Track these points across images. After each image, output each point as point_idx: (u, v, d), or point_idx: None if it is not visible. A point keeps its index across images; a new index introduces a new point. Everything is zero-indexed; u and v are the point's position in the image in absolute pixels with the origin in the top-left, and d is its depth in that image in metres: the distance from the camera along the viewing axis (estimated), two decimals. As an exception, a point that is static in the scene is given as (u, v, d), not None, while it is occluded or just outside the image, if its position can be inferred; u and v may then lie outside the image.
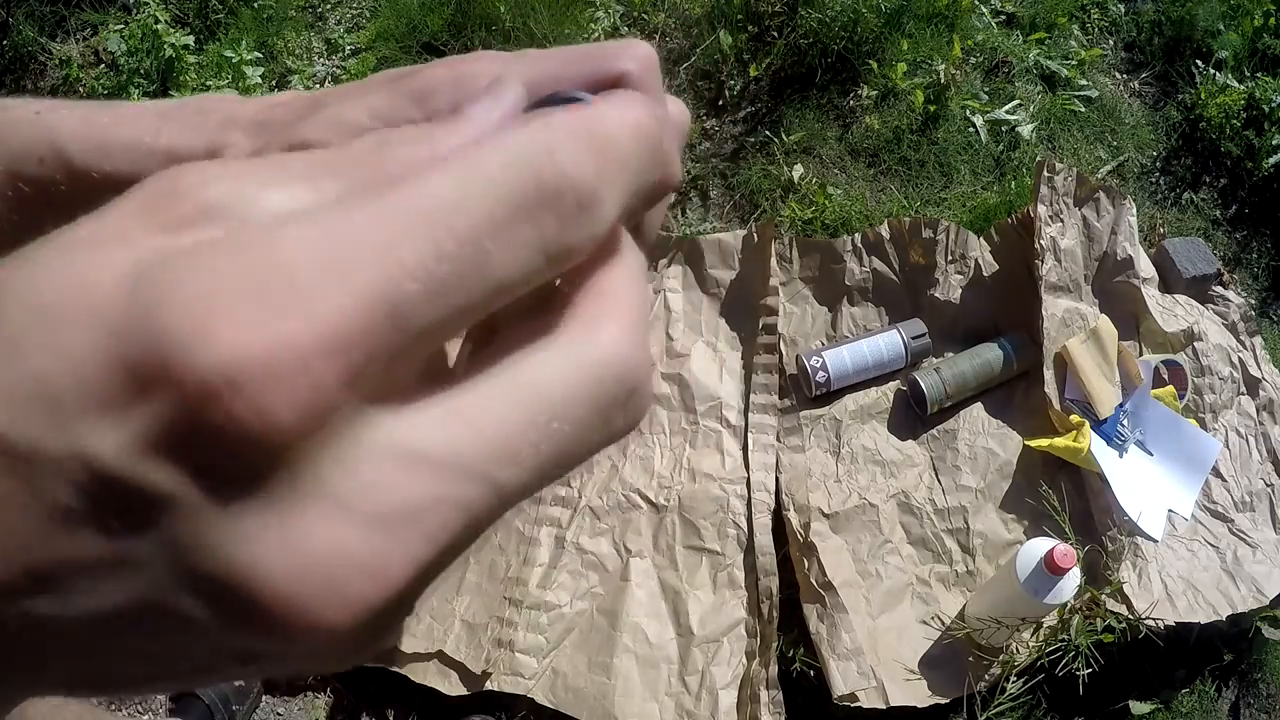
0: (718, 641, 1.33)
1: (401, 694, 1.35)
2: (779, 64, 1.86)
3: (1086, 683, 1.27)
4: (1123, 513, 1.40)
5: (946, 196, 1.76)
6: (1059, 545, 1.16)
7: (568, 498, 1.45)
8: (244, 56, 1.83)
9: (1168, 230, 1.82)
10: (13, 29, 1.79)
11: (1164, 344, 1.56)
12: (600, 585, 1.39)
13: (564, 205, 0.15)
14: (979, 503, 1.44)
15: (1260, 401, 1.58)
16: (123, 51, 1.74)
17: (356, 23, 2.02)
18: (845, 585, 1.35)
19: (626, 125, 0.16)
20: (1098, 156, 1.89)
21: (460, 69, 0.22)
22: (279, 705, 1.37)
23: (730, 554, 1.39)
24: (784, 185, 1.73)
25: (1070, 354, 1.47)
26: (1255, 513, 1.51)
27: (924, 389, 1.45)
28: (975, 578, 1.39)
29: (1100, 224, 1.57)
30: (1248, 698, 1.46)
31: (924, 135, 1.80)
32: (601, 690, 1.30)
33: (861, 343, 1.49)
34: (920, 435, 1.50)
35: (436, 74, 0.22)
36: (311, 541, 0.13)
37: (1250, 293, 1.81)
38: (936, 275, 1.56)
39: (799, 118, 1.81)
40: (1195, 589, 1.39)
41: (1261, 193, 1.88)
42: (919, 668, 1.32)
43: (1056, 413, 1.45)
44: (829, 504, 1.42)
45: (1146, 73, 2.04)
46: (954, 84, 1.82)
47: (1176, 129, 1.95)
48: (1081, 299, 1.55)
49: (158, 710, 1.35)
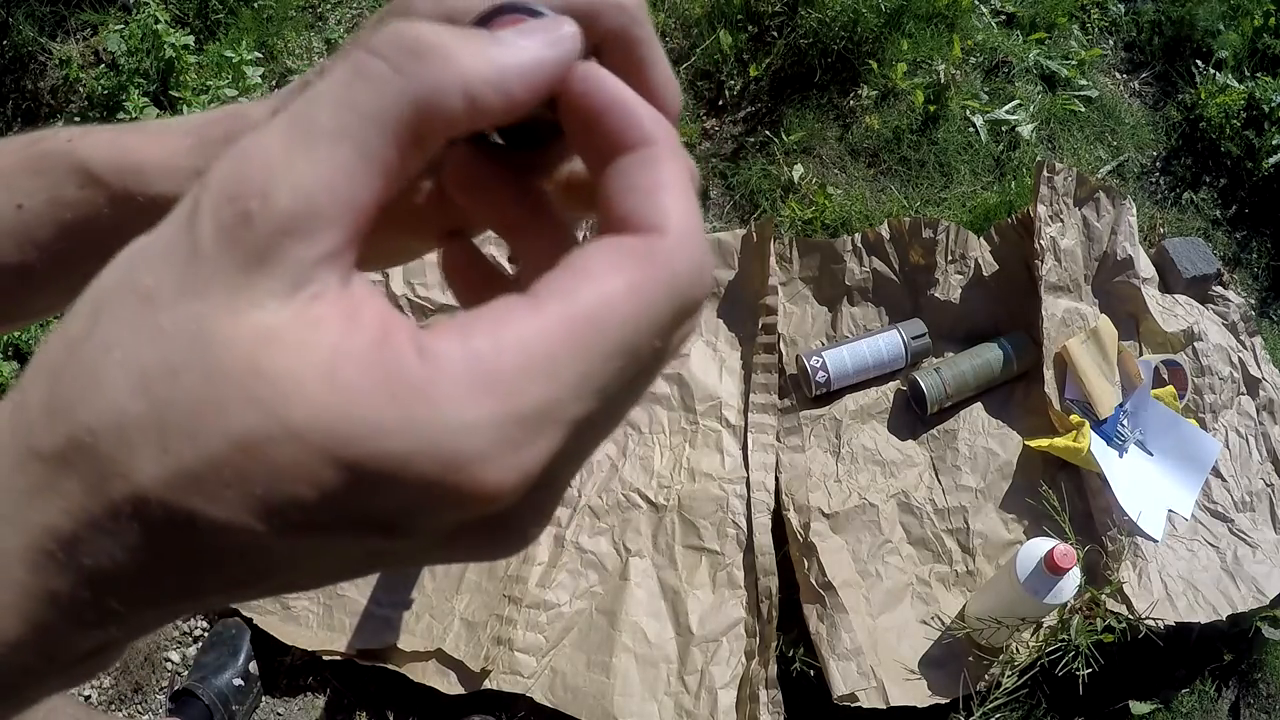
0: (717, 641, 1.33)
1: (401, 694, 1.35)
2: (779, 64, 1.86)
3: (1086, 683, 1.27)
4: (1123, 513, 1.40)
5: (946, 196, 1.76)
6: (1059, 545, 1.16)
7: (567, 497, 1.45)
8: (244, 56, 1.83)
9: (1168, 230, 1.82)
10: (13, 29, 1.79)
11: (1164, 344, 1.56)
12: (599, 584, 1.39)
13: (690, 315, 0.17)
14: (979, 503, 1.44)
15: (1260, 401, 1.58)
16: (123, 51, 1.74)
17: (356, 23, 2.02)
18: (845, 585, 1.35)
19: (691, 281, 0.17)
20: (1098, 156, 1.89)
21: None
22: (279, 705, 1.37)
23: (730, 554, 1.39)
24: (784, 185, 1.73)
25: (1070, 354, 1.47)
26: (1255, 513, 1.51)
27: (924, 389, 1.45)
28: (975, 578, 1.39)
29: (1100, 224, 1.57)
30: (1248, 698, 1.46)
31: (924, 135, 1.80)
32: (600, 689, 1.30)
33: (861, 343, 1.49)
34: (920, 435, 1.50)
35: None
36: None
37: (1250, 293, 1.81)
38: (936, 275, 1.56)
39: (799, 118, 1.81)
40: (1195, 589, 1.39)
41: (1261, 193, 1.88)
42: (919, 668, 1.32)
43: (1056, 413, 1.45)
44: (829, 504, 1.42)
45: (1146, 73, 2.04)
46: (954, 84, 1.82)
47: (1176, 129, 1.95)
48: (1081, 299, 1.55)
49: (158, 710, 1.35)
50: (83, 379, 0.15)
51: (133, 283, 0.15)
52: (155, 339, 0.15)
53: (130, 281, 0.16)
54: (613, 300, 0.16)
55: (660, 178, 0.17)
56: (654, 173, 0.17)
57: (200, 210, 0.15)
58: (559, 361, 0.15)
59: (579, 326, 0.15)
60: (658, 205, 0.17)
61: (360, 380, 0.14)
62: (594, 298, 0.16)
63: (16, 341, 1.66)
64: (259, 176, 0.15)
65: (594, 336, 0.15)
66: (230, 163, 0.16)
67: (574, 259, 0.16)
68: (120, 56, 1.74)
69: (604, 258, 0.16)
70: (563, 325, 0.15)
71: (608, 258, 0.16)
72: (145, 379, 0.15)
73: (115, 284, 0.16)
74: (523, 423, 0.15)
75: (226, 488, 0.14)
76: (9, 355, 1.69)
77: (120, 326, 0.15)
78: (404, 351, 0.15)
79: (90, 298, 0.16)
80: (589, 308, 0.15)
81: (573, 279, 0.16)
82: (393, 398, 0.14)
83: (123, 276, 0.16)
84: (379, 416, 0.14)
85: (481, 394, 0.14)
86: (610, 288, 0.16)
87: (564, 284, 0.16)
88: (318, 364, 0.15)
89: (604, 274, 0.16)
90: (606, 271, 0.16)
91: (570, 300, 0.15)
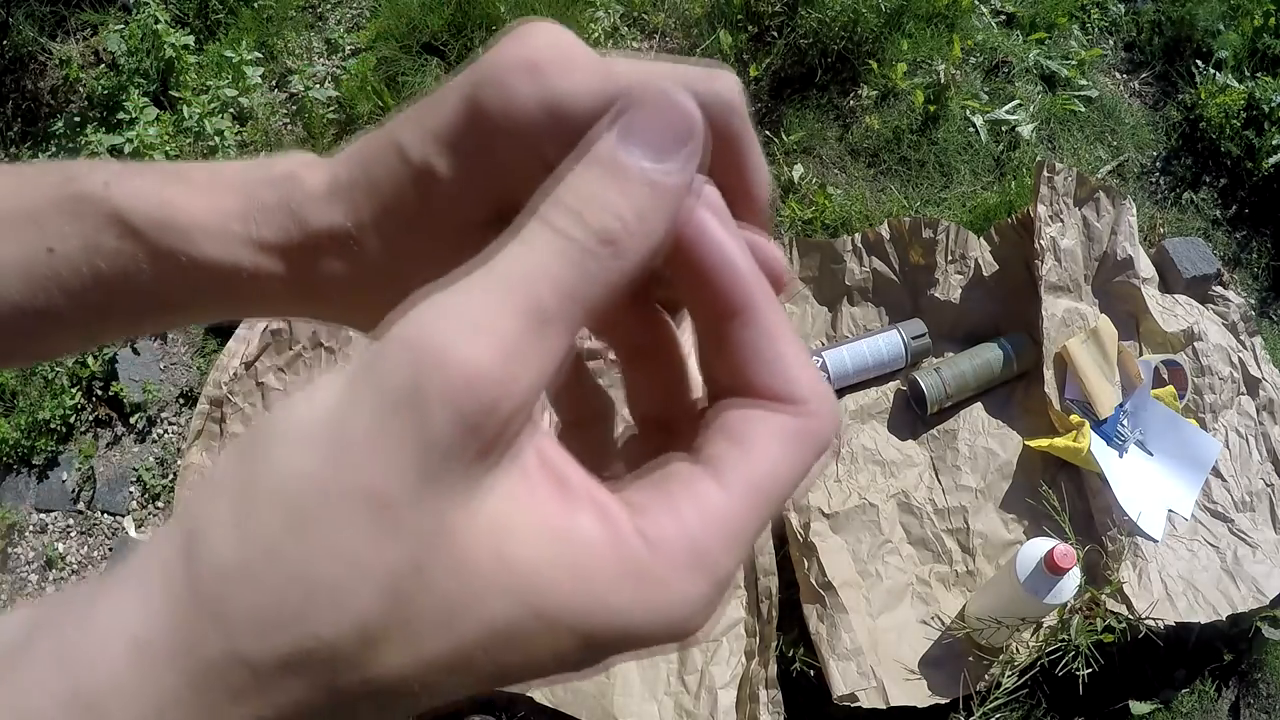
0: (717, 641, 1.33)
1: (401, 694, 1.35)
2: (779, 64, 1.86)
3: (1086, 683, 1.27)
4: (1123, 513, 1.40)
5: (946, 196, 1.76)
6: (1059, 545, 1.16)
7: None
8: (244, 56, 1.83)
9: (1168, 230, 1.82)
10: (13, 29, 1.79)
11: (1164, 344, 1.56)
12: (600, 585, 1.39)
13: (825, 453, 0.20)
14: (979, 503, 1.44)
15: (1260, 401, 1.58)
16: (123, 51, 1.74)
17: (356, 23, 2.02)
18: (845, 585, 1.35)
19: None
20: (1098, 156, 1.89)
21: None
22: (279, 705, 1.37)
23: (730, 554, 1.39)
24: (784, 185, 1.73)
25: (1070, 354, 1.47)
26: (1255, 513, 1.51)
27: (924, 389, 1.45)
28: (975, 578, 1.39)
29: (1100, 224, 1.57)
30: (1248, 698, 1.46)
31: (924, 135, 1.80)
32: (600, 689, 1.30)
33: (861, 343, 1.49)
34: (920, 435, 1.50)
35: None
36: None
37: (1250, 293, 1.81)
38: (936, 275, 1.56)
39: (799, 118, 1.81)
40: (1195, 589, 1.38)
41: (1261, 193, 1.88)
42: (919, 668, 1.32)
43: (1056, 413, 1.45)
44: (829, 504, 1.42)
45: (1146, 73, 2.04)
46: (954, 84, 1.82)
47: (1176, 129, 1.95)
48: (1081, 299, 1.55)
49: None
50: (307, 589, 0.15)
51: (348, 482, 0.15)
52: (397, 539, 0.15)
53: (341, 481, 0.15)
54: (779, 472, 0.18)
55: (780, 348, 0.19)
56: (774, 344, 0.19)
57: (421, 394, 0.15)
58: (747, 532, 0.18)
59: (759, 499, 0.18)
60: (792, 379, 0.19)
61: (602, 572, 0.16)
62: (765, 471, 0.18)
63: (16, 341, 1.65)
64: (498, 368, 0.16)
65: (767, 505, 0.18)
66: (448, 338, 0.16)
67: (736, 429, 0.19)
68: (120, 56, 1.74)
69: (765, 431, 0.19)
70: (745, 500, 0.18)
71: (768, 431, 0.19)
72: (391, 578, 0.15)
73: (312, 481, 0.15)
74: (723, 586, 0.18)
75: (472, 668, 0.16)
76: (9, 355, 1.68)
77: (348, 532, 0.15)
78: (633, 544, 0.17)
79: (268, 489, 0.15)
80: (762, 481, 0.18)
81: (743, 454, 0.18)
82: (632, 586, 0.17)
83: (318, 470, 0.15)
84: (621, 602, 0.16)
85: (699, 574, 0.17)
86: (776, 461, 0.18)
87: (736, 458, 0.18)
88: (559, 554, 0.16)
89: (769, 448, 0.19)
90: (770, 445, 0.19)
91: (747, 476, 0.18)
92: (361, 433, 0.15)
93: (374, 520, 0.15)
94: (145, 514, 1.57)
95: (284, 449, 0.15)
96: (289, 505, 0.15)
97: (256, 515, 0.15)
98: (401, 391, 0.15)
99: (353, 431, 0.15)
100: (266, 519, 0.15)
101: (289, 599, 0.15)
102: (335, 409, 0.15)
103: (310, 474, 0.15)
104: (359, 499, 0.15)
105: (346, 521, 0.15)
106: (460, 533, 0.15)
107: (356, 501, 0.15)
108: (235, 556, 0.15)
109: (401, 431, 0.15)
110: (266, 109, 1.87)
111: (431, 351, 0.15)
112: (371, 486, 0.15)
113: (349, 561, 0.15)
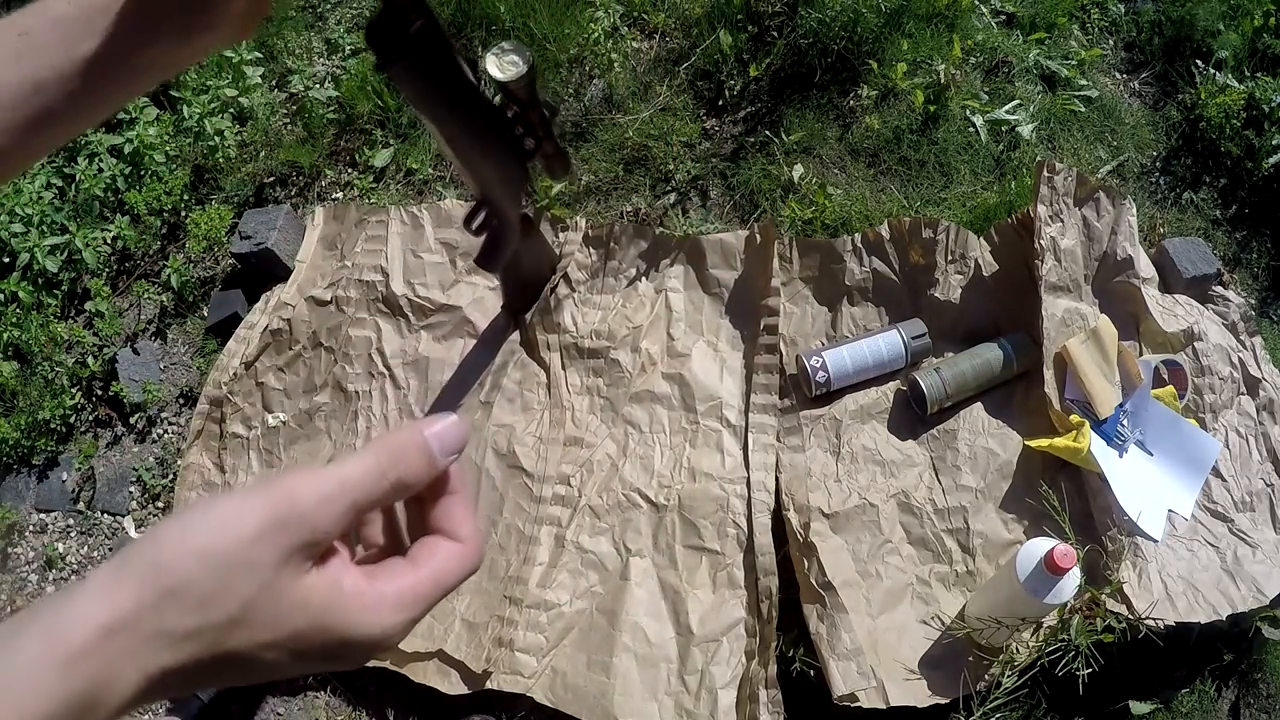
0: (717, 641, 1.33)
1: (401, 694, 1.35)
2: (779, 64, 1.86)
3: (1086, 683, 1.27)
4: (1123, 513, 1.40)
5: (946, 196, 1.76)
6: (1059, 545, 1.16)
7: (568, 497, 1.45)
8: (244, 56, 1.83)
9: (1168, 230, 1.82)
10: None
11: (1164, 344, 1.56)
12: (600, 584, 1.39)
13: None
14: (979, 503, 1.44)
15: (1260, 401, 1.58)
16: (123, 51, 1.73)
17: (356, 23, 2.02)
18: (845, 585, 1.35)
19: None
20: (1098, 156, 1.89)
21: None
22: (279, 705, 1.37)
23: (730, 553, 1.39)
24: (784, 185, 1.73)
25: (1070, 354, 1.47)
26: (1255, 513, 1.51)
27: (924, 389, 1.45)
28: (975, 578, 1.39)
29: (1100, 224, 1.57)
30: (1248, 698, 1.46)
31: (924, 135, 1.80)
32: (601, 689, 1.30)
33: (861, 343, 1.49)
34: (920, 435, 1.50)
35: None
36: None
37: (1250, 293, 1.81)
38: (936, 275, 1.56)
39: (799, 118, 1.81)
40: (1195, 589, 1.38)
41: (1261, 193, 1.88)
42: (919, 668, 1.32)
43: (1056, 413, 1.45)
44: (829, 504, 1.42)
45: (1146, 73, 2.04)
46: (954, 84, 1.82)
47: (1176, 129, 1.95)
48: (1081, 299, 1.55)
49: (157, 711, 1.35)
50: (207, 597, 0.29)
51: (242, 555, 0.30)
52: (257, 583, 0.30)
53: (238, 553, 0.30)
54: (450, 568, 0.35)
55: (463, 513, 0.37)
56: (461, 509, 0.37)
57: (285, 524, 0.31)
58: (428, 597, 0.34)
59: (438, 579, 0.35)
60: (464, 528, 0.36)
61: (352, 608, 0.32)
62: (444, 568, 0.35)
63: (17, 342, 1.66)
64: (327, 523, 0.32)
65: (440, 588, 0.35)
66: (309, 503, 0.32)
67: (430, 547, 0.36)
68: (120, 56, 1.74)
69: (444, 550, 0.36)
70: (430, 579, 0.35)
71: (446, 550, 0.36)
72: (250, 599, 0.30)
73: (226, 549, 0.30)
74: (413, 622, 0.34)
75: (284, 651, 0.31)
76: (9, 355, 1.69)
77: (235, 576, 0.30)
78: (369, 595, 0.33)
79: (198, 546, 0.30)
80: (441, 573, 0.35)
81: (431, 556, 0.35)
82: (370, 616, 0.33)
83: (231, 545, 0.30)
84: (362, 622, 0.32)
85: (400, 612, 0.33)
86: (449, 565, 0.35)
87: (427, 558, 0.35)
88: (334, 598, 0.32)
89: (446, 558, 0.35)
90: (446, 558, 0.35)
91: (432, 568, 0.35)
92: (253, 533, 0.30)
93: (248, 573, 0.30)
94: (145, 514, 1.57)
95: (213, 530, 0.30)
96: (212, 559, 0.29)
97: (194, 558, 0.29)
98: (279, 518, 0.31)
99: (249, 532, 0.30)
100: (199, 562, 0.29)
101: (199, 599, 0.29)
102: (242, 515, 0.31)
103: (225, 547, 0.30)
104: (245, 563, 0.30)
105: (236, 573, 0.30)
106: (287, 586, 0.30)
107: (244, 564, 0.30)
108: (176, 575, 0.29)
109: (274, 539, 0.30)
110: (266, 109, 1.87)
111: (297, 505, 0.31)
112: (251, 559, 0.30)
113: (232, 589, 0.29)
